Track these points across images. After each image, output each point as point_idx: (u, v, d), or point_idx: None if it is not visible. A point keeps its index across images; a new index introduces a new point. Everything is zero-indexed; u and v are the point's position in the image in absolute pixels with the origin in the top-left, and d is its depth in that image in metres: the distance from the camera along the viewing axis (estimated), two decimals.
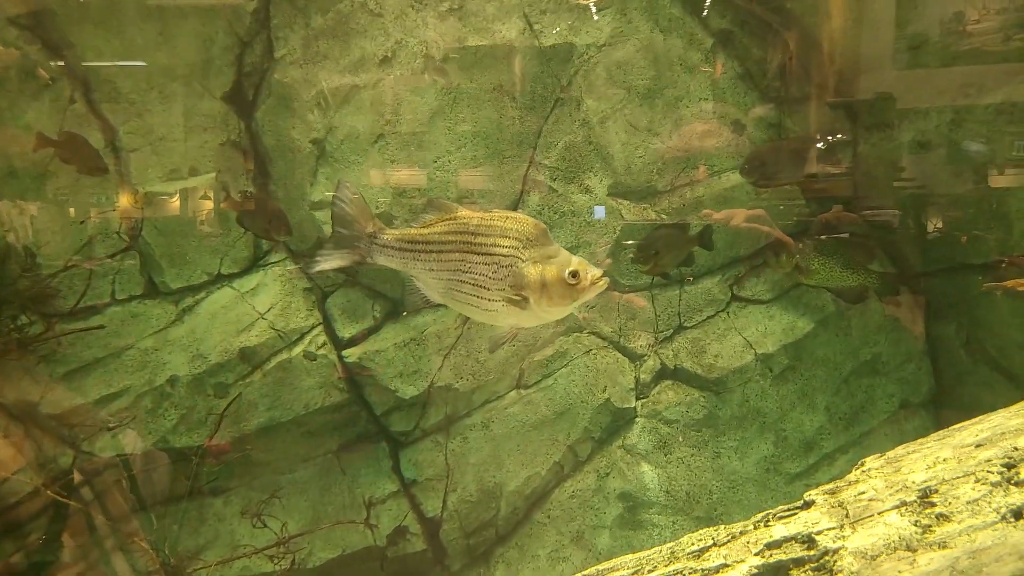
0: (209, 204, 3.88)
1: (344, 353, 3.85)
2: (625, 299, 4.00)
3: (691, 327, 4.06)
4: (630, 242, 3.92)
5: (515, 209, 4.01)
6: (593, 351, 4.00)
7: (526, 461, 3.97)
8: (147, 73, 3.78)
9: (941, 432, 2.31)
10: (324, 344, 3.84)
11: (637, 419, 4.02)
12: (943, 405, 4.07)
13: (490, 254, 2.19)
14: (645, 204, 4.03)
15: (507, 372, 3.97)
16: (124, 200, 3.76)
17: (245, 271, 3.91)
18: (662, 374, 4.06)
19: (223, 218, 3.88)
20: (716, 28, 4.02)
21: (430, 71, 3.88)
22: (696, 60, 4.00)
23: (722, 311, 4.07)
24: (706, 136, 4.06)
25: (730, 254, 4.11)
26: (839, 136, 3.98)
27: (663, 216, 4.03)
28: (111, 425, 3.56)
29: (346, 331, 3.90)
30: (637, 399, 4.02)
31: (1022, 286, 3.47)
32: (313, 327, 3.86)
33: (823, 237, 3.72)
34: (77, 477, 3.45)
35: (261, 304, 3.84)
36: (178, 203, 3.83)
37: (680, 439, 4.02)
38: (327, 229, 3.82)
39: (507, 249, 2.18)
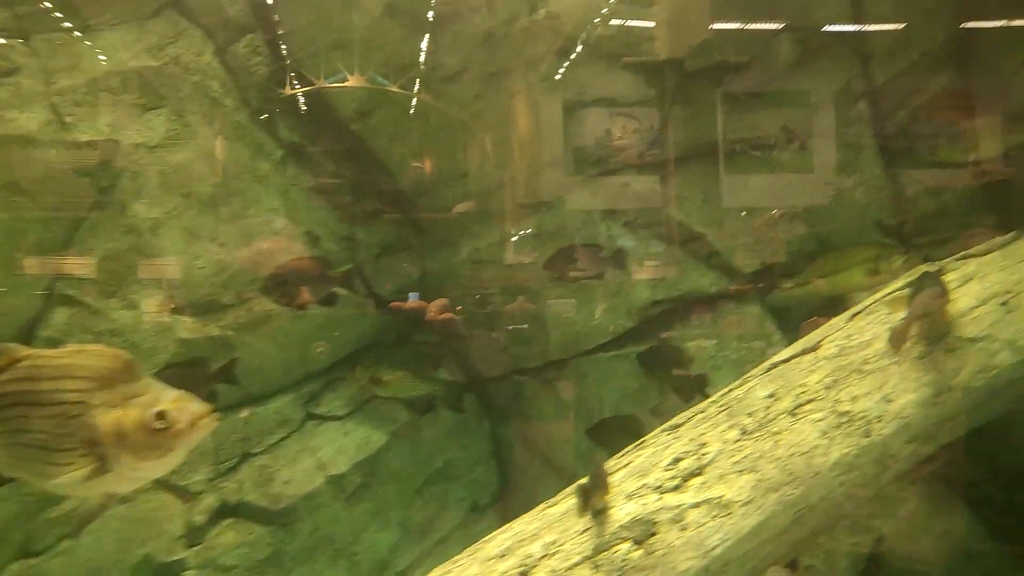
0: None
1: None
2: None
3: (259, 453, 3.74)
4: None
5: (29, 336, 3.30)
6: (130, 496, 3.36)
7: None
8: None
9: (475, 546, 2.37)
10: None
11: (186, 573, 3.47)
12: (509, 502, 4.37)
13: (54, 403, 1.66)
14: (208, 320, 3.68)
15: (5, 539, 3.09)
16: None
17: None
18: (221, 512, 3.62)
19: None
20: (287, 140, 3.99)
21: None
22: (266, 169, 3.89)
23: (295, 432, 3.85)
24: (276, 249, 3.92)
25: (305, 369, 3.95)
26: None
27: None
28: None
29: None
30: (189, 547, 3.51)
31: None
32: None
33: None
34: None
35: None
36: None
37: None
38: None
39: (75, 394, 1.66)
